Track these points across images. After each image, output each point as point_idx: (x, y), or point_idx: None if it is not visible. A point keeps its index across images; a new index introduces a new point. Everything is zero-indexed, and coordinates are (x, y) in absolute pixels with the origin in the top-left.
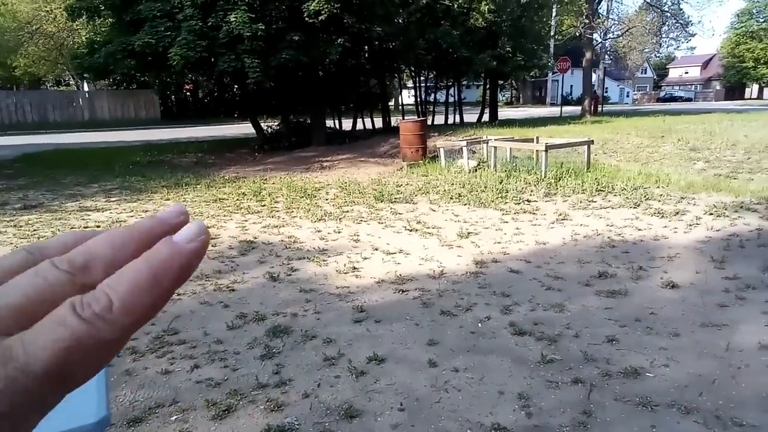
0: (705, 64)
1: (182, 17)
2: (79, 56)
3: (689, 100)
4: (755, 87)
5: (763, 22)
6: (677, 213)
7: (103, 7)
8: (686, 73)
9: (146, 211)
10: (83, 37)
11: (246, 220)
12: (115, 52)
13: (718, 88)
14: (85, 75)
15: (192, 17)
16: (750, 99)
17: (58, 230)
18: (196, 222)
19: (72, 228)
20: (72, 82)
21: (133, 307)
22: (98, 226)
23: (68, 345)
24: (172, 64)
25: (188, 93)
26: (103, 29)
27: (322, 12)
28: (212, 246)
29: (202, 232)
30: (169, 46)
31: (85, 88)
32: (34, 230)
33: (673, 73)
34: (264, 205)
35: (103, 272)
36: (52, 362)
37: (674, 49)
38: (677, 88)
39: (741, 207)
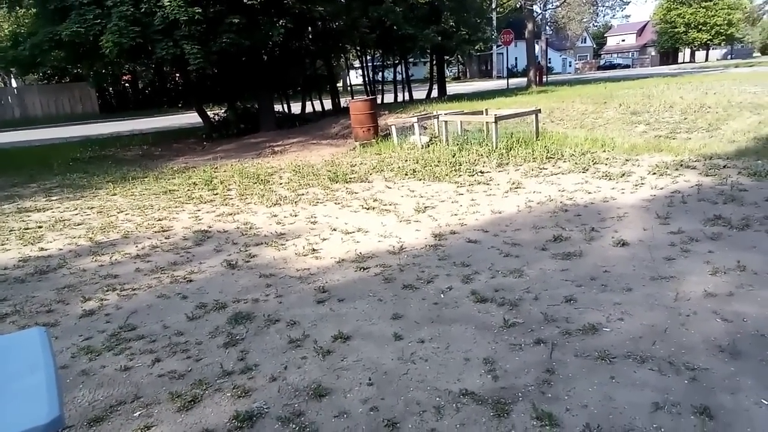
0: (640, 31)
1: (111, 3)
2: (3, 50)
3: (627, 66)
4: (687, 51)
5: None
6: (623, 174)
7: None
8: (623, 40)
9: (92, 207)
10: (6, 30)
11: (199, 210)
12: (41, 43)
13: (653, 53)
14: (11, 70)
15: (123, 2)
16: (683, 63)
17: None
18: None
19: (11, 231)
20: None
21: None
22: (40, 227)
23: None
24: (106, 53)
25: (127, 84)
26: (26, 20)
27: None
28: (166, 238)
29: None
30: (100, 34)
31: (14, 84)
32: None
33: (611, 42)
34: (216, 194)
35: None
36: None
37: (610, 17)
38: (616, 55)
39: (681, 165)
